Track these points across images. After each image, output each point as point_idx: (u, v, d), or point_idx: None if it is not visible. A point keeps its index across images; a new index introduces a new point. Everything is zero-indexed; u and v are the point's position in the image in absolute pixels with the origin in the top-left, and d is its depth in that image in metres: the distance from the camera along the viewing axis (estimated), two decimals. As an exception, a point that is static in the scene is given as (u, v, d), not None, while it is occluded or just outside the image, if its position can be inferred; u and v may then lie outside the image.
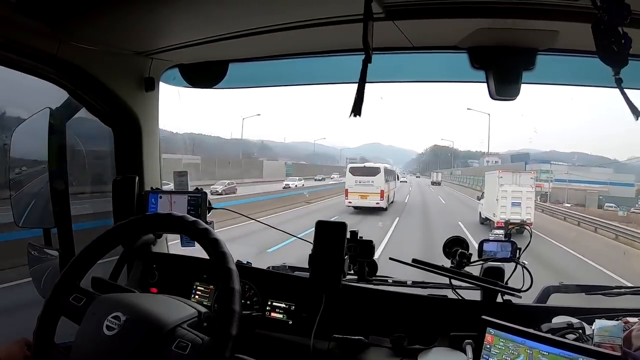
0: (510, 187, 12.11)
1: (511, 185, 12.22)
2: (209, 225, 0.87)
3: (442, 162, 59.75)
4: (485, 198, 13.75)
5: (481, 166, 38.83)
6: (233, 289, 0.79)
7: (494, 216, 12.01)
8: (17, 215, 1.47)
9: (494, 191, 12.38)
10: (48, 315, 0.87)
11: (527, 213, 11.76)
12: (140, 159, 1.62)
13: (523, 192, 12.01)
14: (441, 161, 61.82)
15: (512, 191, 11.98)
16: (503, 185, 12.19)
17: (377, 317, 1.28)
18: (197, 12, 1.15)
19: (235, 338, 0.76)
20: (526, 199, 11.96)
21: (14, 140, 1.50)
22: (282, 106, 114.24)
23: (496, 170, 13.50)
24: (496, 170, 13.50)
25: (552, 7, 1.05)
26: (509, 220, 11.11)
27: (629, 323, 1.07)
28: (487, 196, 13.51)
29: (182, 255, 1.55)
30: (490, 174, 14.09)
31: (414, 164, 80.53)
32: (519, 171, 14.30)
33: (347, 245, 1.20)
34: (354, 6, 1.04)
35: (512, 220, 10.96)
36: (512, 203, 11.81)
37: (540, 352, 0.90)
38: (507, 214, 11.54)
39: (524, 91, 1.29)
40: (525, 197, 11.96)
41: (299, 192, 19.92)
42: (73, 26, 1.18)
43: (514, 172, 13.32)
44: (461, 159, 62.02)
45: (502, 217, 11.47)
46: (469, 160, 58.26)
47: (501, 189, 12.11)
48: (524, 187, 12.22)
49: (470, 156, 61.26)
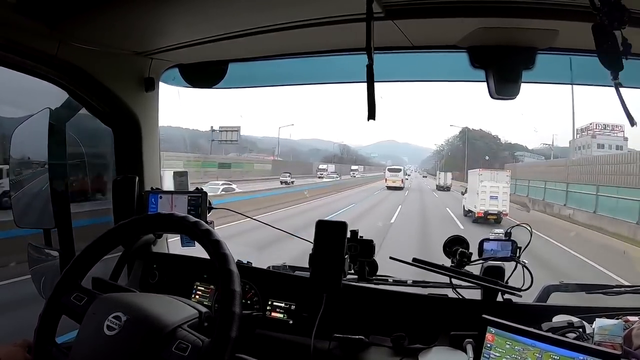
0: (489, 183, 14.45)
1: (490, 181, 14.62)
2: (209, 225, 0.87)
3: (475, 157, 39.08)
4: (468, 193, 16.03)
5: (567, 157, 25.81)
6: (234, 291, 0.79)
7: (474, 208, 14.27)
8: (17, 215, 1.47)
9: (476, 187, 14.66)
10: (49, 314, 0.87)
11: (503, 205, 14.14)
12: (140, 159, 1.62)
13: (500, 188, 14.29)
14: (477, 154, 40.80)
15: (491, 187, 14.28)
16: (483, 182, 14.54)
17: (377, 317, 1.28)
18: (197, 12, 1.15)
19: (235, 340, 0.76)
20: (502, 193, 14.26)
21: (14, 141, 1.50)
22: (292, 103, 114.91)
23: (477, 169, 16.03)
24: (477, 169, 16.03)
25: (552, 6, 1.05)
26: (487, 211, 13.86)
27: (629, 322, 1.07)
28: (469, 191, 15.85)
29: (182, 255, 1.55)
30: (472, 172, 16.50)
31: (431, 161, 65.74)
32: (497, 170, 16.93)
33: (348, 245, 1.20)
34: (353, 6, 1.04)
35: (490, 211, 13.83)
36: (490, 197, 14.12)
37: (551, 356, 0.88)
38: (486, 206, 13.98)
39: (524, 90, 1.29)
40: (501, 191, 14.25)
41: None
42: (73, 26, 1.18)
43: (492, 170, 15.93)
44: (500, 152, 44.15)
45: (481, 209, 13.95)
46: (516, 153, 42.90)
47: (481, 185, 14.42)
48: (501, 183, 14.56)
49: (517, 149, 45.01)
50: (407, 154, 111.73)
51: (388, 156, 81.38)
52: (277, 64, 1.61)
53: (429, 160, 67.22)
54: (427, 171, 55.79)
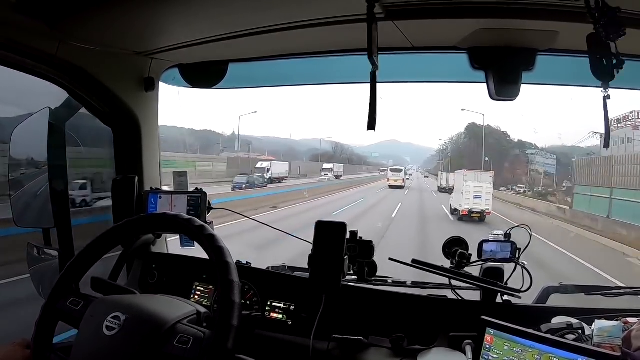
0: (473, 184, 15.38)
1: (474, 181, 15.64)
2: (206, 224, 0.87)
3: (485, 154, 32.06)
4: (454, 193, 17.14)
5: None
6: (232, 281, 0.79)
7: (460, 206, 15.14)
8: (16, 214, 1.47)
9: (461, 187, 15.63)
10: (45, 321, 0.87)
11: (486, 204, 15.05)
12: (140, 159, 1.62)
13: (483, 187, 15.17)
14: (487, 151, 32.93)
15: (475, 186, 15.18)
16: (467, 182, 15.55)
17: (376, 318, 1.28)
18: (197, 12, 1.15)
19: (237, 329, 0.76)
20: (485, 193, 15.11)
21: (14, 140, 1.49)
22: (288, 103, 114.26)
23: (462, 170, 17.20)
24: (462, 170, 17.20)
25: (552, 8, 1.05)
26: (472, 209, 14.75)
27: (628, 323, 1.07)
28: (455, 191, 16.92)
29: (181, 256, 1.55)
30: (458, 173, 17.65)
31: (433, 161, 61.13)
32: (481, 171, 18.18)
33: (347, 246, 1.20)
34: (353, 6, 1.04)
35: (474, 210, 14.73)
36: (474, 196, 14.97)
37: (550, 357, 0.88)
38: (470, 205, 14.84)
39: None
40: (485, 191, 15.08)
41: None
42: (73, 26, 1.18)
43: (476, 171, 17.19)
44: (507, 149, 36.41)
45: (466, 207, 14.86)
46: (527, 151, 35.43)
47: (465, 185, 15.35)
48: (484, 183, 15.51)
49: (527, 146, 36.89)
50: (409, 153, 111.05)
51: (390, 156, 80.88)
52: (277, 65, 1.61)
53: (432, 160, 64.47)
54: (429, 171, 53.91)
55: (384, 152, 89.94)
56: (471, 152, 37.21)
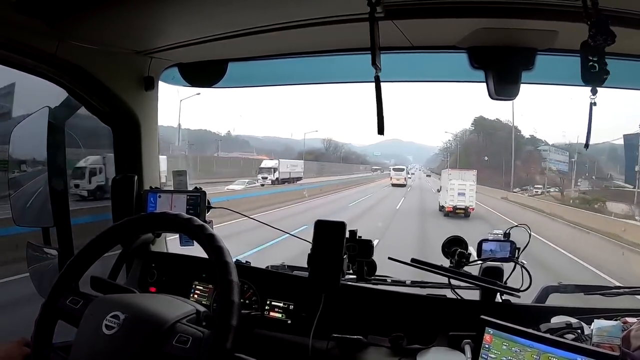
0: (457, 182, 16.43)
1: (458, 180, 16.68)
2: (206, 223, 0.87)
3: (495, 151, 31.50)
4: (441, 191, 18.09)
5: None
6: (231, 281, 0.79)
7: (445, 203, 16.21)
8: (16, 214, 1.47)
9: (446, 185, 16.71)
10: (45, 319, 0.87)
11: (470, 201, 16.05)
12: (139, 158, 1.62)
13: (467, 185, 16.17)
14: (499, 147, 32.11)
15: (459, 184, 16.21)
16: (452, 180, 16.65)
17: (376, 317, 1.28)
18: (196, 11, 1.15)
19: (236, 329, 0.76)
20: (469, 190, 16.10)
21: (13, 139, 1.49)
22: (291, 102, 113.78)
23: (447, 169, 18.58)
24: (447, 169, 18.58)
25: (552, 7, 1.05)
26: (456, 206, 15.82)
27: (627, 323, 1.07)
28: (442, 189, 17.91)
29: (181, 255, 1.55)
30: (444, 171, 18.85)
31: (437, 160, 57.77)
32: (464, 169, 19.12)
33: (346, 245, 1.20)
34: (353, 6, 1.04)
35: (458, 206, 15.77)
36: (458, 193, 16.02)
37: (549, 357, 0.88)
38: (454, 201, 15.93)
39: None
40: (468, 188, 16.08)
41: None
42: (72, 25, 1.18)
43: (460, 170, 18.34)
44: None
45: (450, 204, 15.94)
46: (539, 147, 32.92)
47: (450, 183, 16.46)
48: (468, 181, 16.57)
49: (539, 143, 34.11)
50: (411, 152, 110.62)
51: (392, 155, 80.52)
52: (277, 64, 1.61)
53: (435, 158, 62.34)
54: (431, 170, 52.60)
55: (385, 151, 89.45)
56: (479, 149, 36.06)
